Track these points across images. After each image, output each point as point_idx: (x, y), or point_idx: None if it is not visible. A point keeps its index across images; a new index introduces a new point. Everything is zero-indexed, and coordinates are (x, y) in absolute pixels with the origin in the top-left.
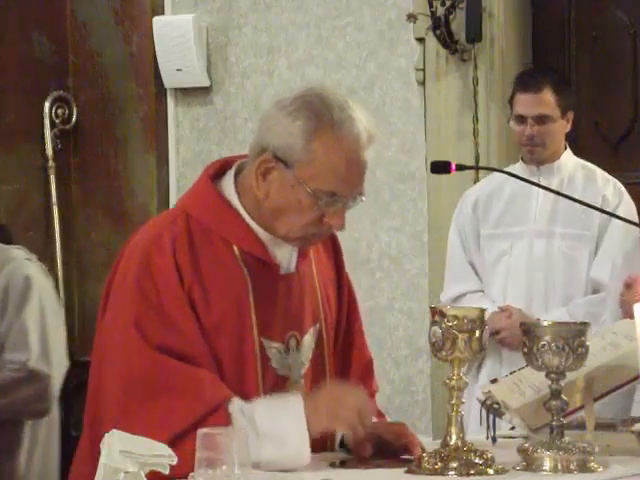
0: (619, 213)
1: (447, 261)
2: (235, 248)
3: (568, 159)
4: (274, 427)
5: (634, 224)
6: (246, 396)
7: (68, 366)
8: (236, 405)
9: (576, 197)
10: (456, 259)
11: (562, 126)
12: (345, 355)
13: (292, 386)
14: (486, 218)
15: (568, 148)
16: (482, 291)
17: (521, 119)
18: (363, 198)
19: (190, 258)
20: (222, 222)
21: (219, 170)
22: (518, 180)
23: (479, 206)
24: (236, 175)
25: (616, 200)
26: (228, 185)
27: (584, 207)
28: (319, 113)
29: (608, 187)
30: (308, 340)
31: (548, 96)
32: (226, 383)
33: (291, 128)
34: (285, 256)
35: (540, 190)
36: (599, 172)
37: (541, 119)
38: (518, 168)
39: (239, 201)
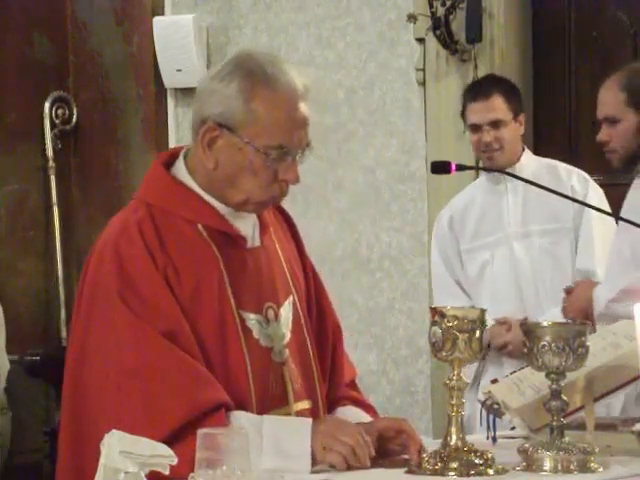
0: (590, 201)
1: (433, 283)
2: (199, 226)
3: (529, 159)
4: (279, 438)
5: (607, 213)
6: (230, 366)
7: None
8: (241, 414)
9: (544, 194)
10: (442, 280)
11: (516, 129)
12: (321, 328)
13: (277, 356)
14: (463, 233)
15: (527, 149)
16: (473, 307)
17: (475, 128)
18: (312, 149)
19: (158, 242)
20: (181, 203)
21: (169, 159)
22: (488, 192)
23: (454, 223)
24: (185, 159)
25: (584, 189)
26: (180, 169)
27: (555, 202)
28: (252, 71)
29: (572, 177)
30: (286, 311)
31: (498, 101)
32: (212, 358)
33: (227, 92)
34: (248, 230)
35: (509, 195)
36: (560, 165)
37: (495, 124)
38: (483, 180)
39: (193, 180)
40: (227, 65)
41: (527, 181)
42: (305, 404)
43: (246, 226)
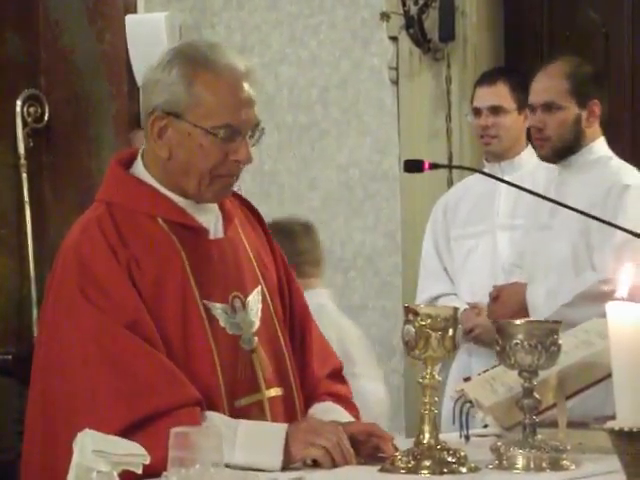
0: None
1: (421, 268)
2: (160, 220)
3: (530, 156)
4: (253, 434)
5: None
6: (196, 356)
7: None
8: (214, 415)
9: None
10: (430, 266)
11: (518, 121)
12: (291, 319)
13: (245, 344)
14: (454, 220)
15: (530, 146)
16: (455, 294)
17: (477, 111)
18: (263, 130)
19: (119, 237)
20: (140, 199)
21: (128, 160)
22: (485, 181)
23: (448, 210)
24: (143, 156)
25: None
26: (137, 166)
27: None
28: (192, 57)
29: None
30: (253, 300)
31: (502, 88)
32: (176, 348)
33: (169, 79)
34: (211, 221)
35: (503, 187)
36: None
37: (495, 110)
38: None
39: (151, 175)
40: (167, 54)
41: (499, 179)
42: (277, 391)
43: (208, 218)
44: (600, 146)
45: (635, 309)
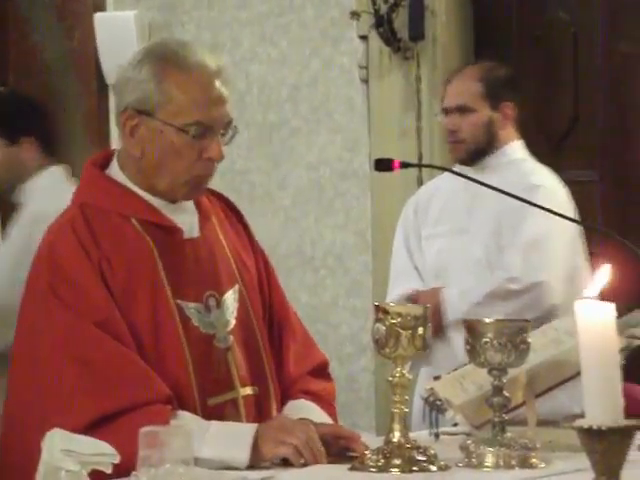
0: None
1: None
2: (133, 220)
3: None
4: (223, 431)
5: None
6: (168, 354)
7: None
8: (185, 414)
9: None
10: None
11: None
12: (271, 318)
13: (220, 342)
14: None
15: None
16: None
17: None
18: (236, 127)
19: (91, 237)
20: (113, 199)
21: (103, 161)
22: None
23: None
24: (118, 157)
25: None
26: (113, 167)
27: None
28: (163, 55)
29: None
30: (229, 299)
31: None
32: (147, 347)
33: (140, 77)
34: (186, 221)
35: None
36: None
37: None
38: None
39: (126, 176)
40: (138, 53)
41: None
42: (252, 389)
43: (183, 217)
44: (514, 148)
45: (603, 307)
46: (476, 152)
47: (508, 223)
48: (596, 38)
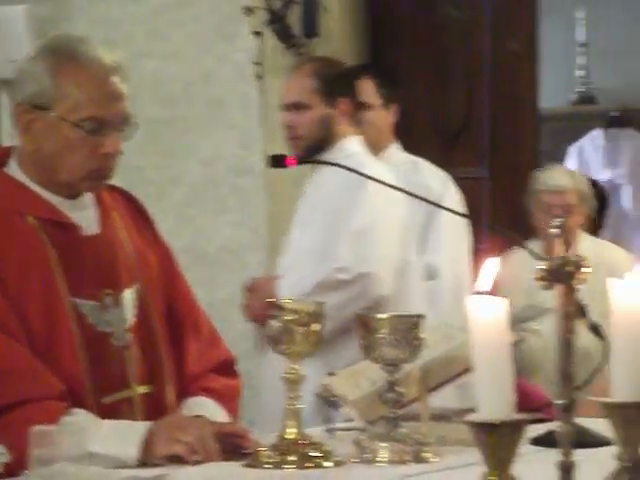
0: (445, 201)
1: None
2: (30, 218)
3: (396, 152)
4: (114, 429)
5: (458, 214)
6: (61, 352)
7: None
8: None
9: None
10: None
11: (384, 116)
12: (173, 316)
13: (117, 340)
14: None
15: (397, 142)
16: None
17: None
18: (136, 123)
19: None
20: (9, 197)
21: (1, 159)
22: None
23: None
24: (17, 154)
25: (440, 188)
26: (11, 164)
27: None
28: (59, 50)
29: (432, 177)
30: (128, 297)
31: (367, 84)
32: (40, 344)
33: (35, 72)
34: (85, 217)
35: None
36: (427, 165)
37: (361, 105)
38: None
39: (23, 173)
40: (36, 48)
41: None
42: (148, 388)
43: (82, 214)
44: (350, 143)
45: (494, 303)
46: (314, 148)
47: (340, 215)
48: (485, 37)
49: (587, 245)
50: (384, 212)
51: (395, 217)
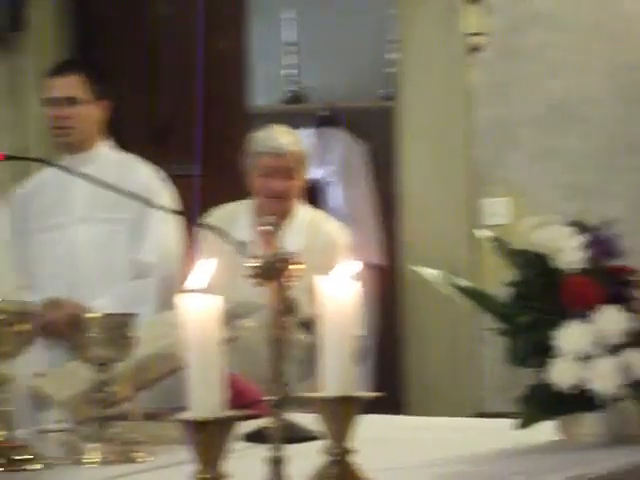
0: (158, 199)
1: None
2: None
3: (107, 149)
4: None
5: (171, 211)
6: None
7: None
8: None
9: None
10: (4, 258)
11: (93, 112)
12: None
13: None
14: (32, 213)
15: (108, 139)
16: (30, 287)
17: (50, 102)
18: None
19: None
20: None
21: None
22: (58, 173)
23: (26, 203)
24: None
25: (152, 185)
26: None
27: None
28: None
29: (145, 174)
30: None
31: (74, 79)
32: None
33: None
34: None
35: (79, 180)
36: (140, 162)
37: (69, 101)
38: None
39: None
40: None
41: (70, 171)
42: None
43: None
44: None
45: (206, 300)
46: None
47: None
48: (196, 36)
49: (306, 213)
50: None
51: None
